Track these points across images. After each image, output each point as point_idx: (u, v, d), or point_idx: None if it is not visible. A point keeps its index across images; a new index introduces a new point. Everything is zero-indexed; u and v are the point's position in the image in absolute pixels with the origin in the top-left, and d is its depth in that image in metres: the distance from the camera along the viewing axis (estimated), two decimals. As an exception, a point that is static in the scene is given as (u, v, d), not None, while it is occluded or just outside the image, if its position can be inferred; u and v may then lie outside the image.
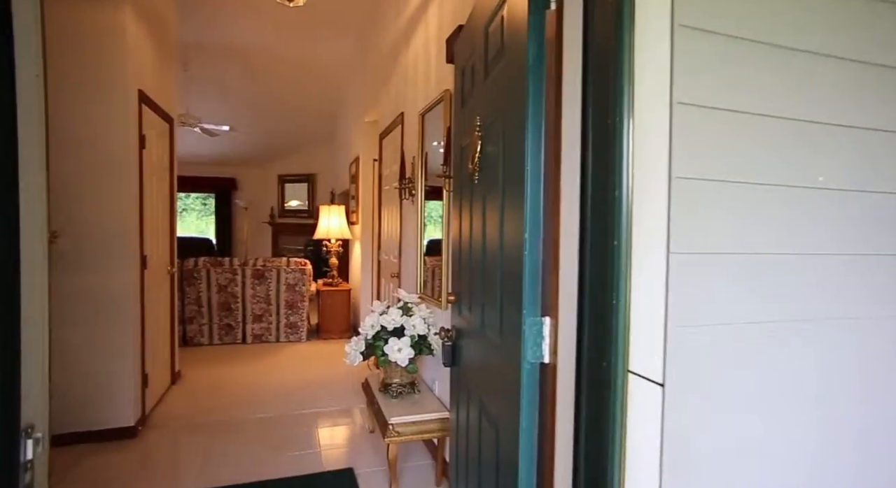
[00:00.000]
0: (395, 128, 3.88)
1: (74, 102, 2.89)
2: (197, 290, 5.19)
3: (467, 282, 1.74)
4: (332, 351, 5.22)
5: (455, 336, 1.93)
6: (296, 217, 9.71)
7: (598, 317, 0.90)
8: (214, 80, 6.85)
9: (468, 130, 1.70)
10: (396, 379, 2.74)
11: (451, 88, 2.53)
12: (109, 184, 2.96)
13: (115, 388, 3.02)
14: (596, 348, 0.90)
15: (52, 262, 2.81)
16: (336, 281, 5.88)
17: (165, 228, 3.78)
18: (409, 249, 3.42)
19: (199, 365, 4.56)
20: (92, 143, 2.92)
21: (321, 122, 8.37)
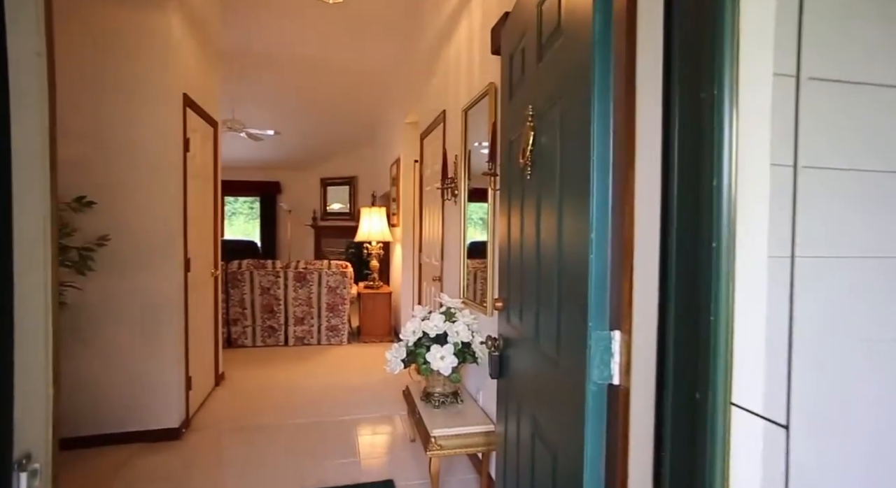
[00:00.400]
0: (436, 126, 3.77)
1: (120, 106, 2.92)
2: (241, 292, 5.25)
3: (517, 287, 1.59)
4: (373, 354, 5.16)
5: (503, 345, 1.79)
6: (337, 219, 9.79)
7: (687, 335, 0.73)
8: (260, 86, 6.97)
9: (518, 122, 1.56)
10: (438, 388, 2.61)
11: (496, 81, 2.39)
12: (154, 188, 2.98)
13: (160, 390, 3.03)
14: (685, 373, 0.74)
15: (101, 265, 2.85)
16: (377, 284, 5.82)
17: (209, 231, 3.81)
18: (451, 252, 3.29)
19: (242, 367, 4.59)
20: (138, 147, 2.95)
21: (362, 125, 8.39)
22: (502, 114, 1.82)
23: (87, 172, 2.89)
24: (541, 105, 1.32)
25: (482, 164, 2.82)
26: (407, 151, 5.49)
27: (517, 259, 1.59)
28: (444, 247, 3.50)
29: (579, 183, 1.04)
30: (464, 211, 2.91)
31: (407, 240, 5.52)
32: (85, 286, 2.86)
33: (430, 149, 4.09)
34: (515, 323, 1.62)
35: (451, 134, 3.33)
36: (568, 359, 1.11)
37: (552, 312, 1.21)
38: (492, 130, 2.30)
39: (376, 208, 5.84)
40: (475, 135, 2.84)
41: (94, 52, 2.89)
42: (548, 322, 1.25)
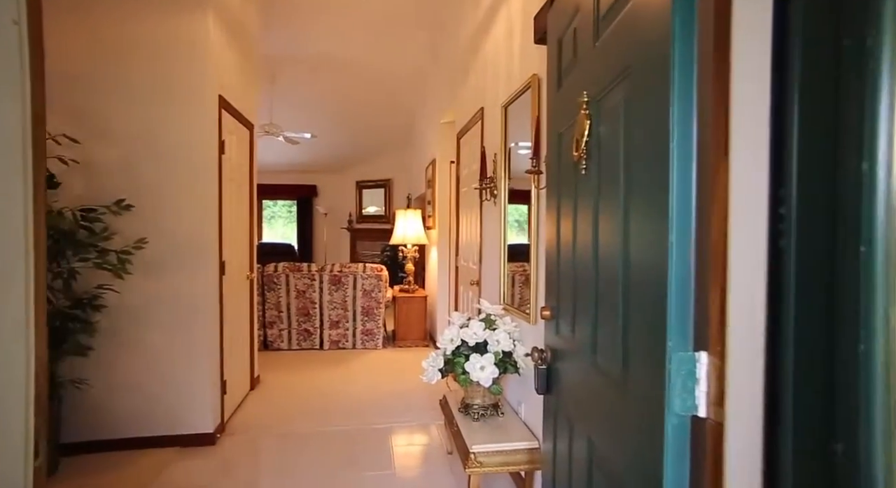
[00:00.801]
0: (473, 125, 3.63)
1: (156, 108, 2.91)
2: (277, 295, 5.24)
3: (568, 295, 1.44)
4: (408, 359, 5.05)
5: (550, 358, 1.63)
6: (373, 222, 9.77)
7: (817, 367, 0.57)
8: (297, 91, 7.01)
9: (568, 112, 1.40)
10: (478, 399, 2.47)
11: (539, 73, 2.23)
12: (189, 190, 2.95)
13: (196, 394, 3.00)
14: (812, 416, 0.57)
15: (138, 268, 2.84)
16: (412, 287, 5.72)
17: (245, 234, 3.78)
18: (490, 255, 3.14)
19: (277, 370, 4.56)
20: (173, 149, 2.93)
21: (397, 127, 8.35)
22: (549, 105, 1.67)
23: (125, 175, 2.89)
24: (598, 90, 1.17)
25: (522, 164, 2.66)
26: (443, 152, 5.38)
27: (568, 263, 1.43)
28: (483, 251, 3.35)
29: (652, 176, 0.88)
30: (504, 212, 2.76)
31: (443, 243, 5.40)
32: (122, 288, 2.85)
33: (466, 148, 3.96)
34: (566, 334, 1.46)
35: (489, 131, 3.19)
36: (637, 381, 0.94)
37: (615, 326, 1.05)
38: (535, 125, 2.15)
39: (412, 210, 5.74)
40: (515, 132, 2.68)
41: (130, 57, 2.89)
42: (609, 337, 1.09)
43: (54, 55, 2.91)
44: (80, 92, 2.85)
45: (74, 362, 2.82)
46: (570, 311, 1.43)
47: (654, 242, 0.87)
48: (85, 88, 2.86)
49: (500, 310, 2.51)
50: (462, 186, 4.09)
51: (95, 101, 2.87)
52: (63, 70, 2.83)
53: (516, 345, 2.40)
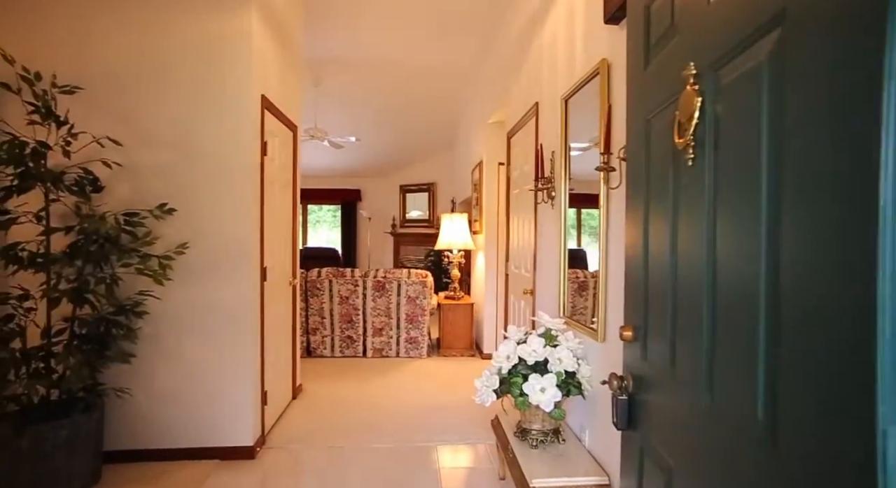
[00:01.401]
0: (526, 122, 3.39)
1: (198, 109, 2.82)
2: (320, 301, 5.14)
3: (661, 315, 1.17)
4: (454, 370, 4.83)
5: (633, 387, 1.36)
6: (416, 226, 9.65)
7: None
8: (341, 94, 6.96)
9: (663, 92, 1.15)
10: (537, 424, 2.21)
11: (609, 57, 1.97)
12: (230, 193, 2.85)
13: (235, 405, 2.88)
14: None
15: (177, 274, 2.75)
16: (458, 294, 5.51)
17: (287, 239, 3.68)
18: (547, 262, 2.89)
19: (320, 379, 4.44)
20: (213, 151, 2.84)
21: (441, 129, 8.19)
22: (631, 89, 1.41)
23: (167, 178, 2.82)
24: (717, 56, 0.91)
25: (579, 164, 2.40)
26: (490, 153, 5.15)
27: (662, 277, 1.17)
28: (538, 257, 3.09)
29: (829, 166, 0.62)
30: (564, 215, 2.50)
31: (490, 249, 5.17)
32: (162, 294, 2.77)
33: (518, 148, 3.72)
34: (657, 362, 1.20)
35: (545, 128, 2.94)
36: (804, 450, 0.68)
37: (750, 366, 0.79)
38: (606, 116, 1.89)
39: (458, 214, 5.54)
40: (578, 127, 2.42)
41: (174, 58, 2.82)
42: (738, 378, 0.83)
43: (104, 59, 2.89)
44: (128, 95, 2.81)
45: (116, 369, 2.76)
46: (664, 335, 1.17)
47: (836, 261, 0.61)
48: (132, 91, 2.81)
49: (562, 325, 2.25)
50: (513, 188, 3.84)
51: (140, 104, 2.81)
52: (112, 72, 2.79)
53: (580, 364, 2.14)
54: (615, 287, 1.94)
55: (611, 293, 1.98)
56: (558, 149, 2.60)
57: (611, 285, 1.97)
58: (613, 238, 1.95)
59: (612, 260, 1.96)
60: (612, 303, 1.96)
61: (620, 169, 1.78)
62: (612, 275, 1.96)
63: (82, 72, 2.75)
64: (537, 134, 3.10)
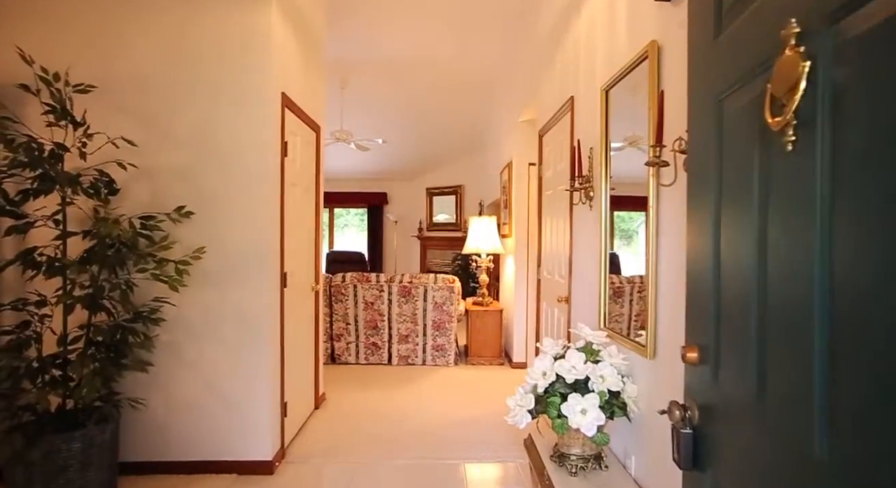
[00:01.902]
0: (560, 118, 3.18)
1: (216, 107, 2.72)
2: (344, 307, 5.02)
3: (741, 334, 0.96)
4: (482, 379, 4.63)
5: (700, 419, 1.15)
6: (443, 230, 9.49)
7: None
8: (367, 96, 6.87)
9: (743, 62, 0.94)
10: (576, 448, 1.99)
11: (659, 38, 1.76)
12: (248, 196, 2.73)
13: (254, 417, 2.75)
14: None
15: (194, 280, 2.64)
16: (486, 300, 5.31)
17: (310, 243, 3.55)
18: (584, 268, 2.67)
19: (344, 387, 4.30)
20: (232, 151, 2.73)
21: (469, 131, 8.02)
22: (696, 65, 1.19)
23: (184, 179, 2.72)
24: (836, 4, 0.70)
25: (615, 163, 2.19)
26: (520, 153, 4.94)
27: (742, 289, 0.96)
28: (574, 262, 2.88)
29: None
30: (605, 216, 2.29)
31: (520, 253, 4.95)
32: (179, 301, 2.67)
33: (551, 146, 3.51)
34: (737, 392, 0.98)
35: (582, 123, 2.72)
36: None
37: None
38: (658, 104, 1.67)
39: (486, 217, 5.34)
40: (618, 122, 2.21)
41: (192, 55, 2.72)
42: (872, 433, 0.62)
43: (124, 59, 2.83)
44: (148, 95, 2.72)
45: (133, 378, 2.66)
46: (745, 360, 0.95)
47: None
48: (151, 91, 2.72)
49: (604, 338, 2.03)
50: (546, 189, 3.63)
51: (160, 104, 2.72)
52: (132, 73, 2.71)
53: (625, 382, 1.92)
54: (668, 298, 1.71)
55: (662, 304, 1.75)
56: (597, 145, 2.39)
57: (662, 296, 1.75)
58: (665, 242, 1.73)
59: (664, 267, 1.74)
60: (665, 316, 1.74)
61: (675, 163, 1.56)
62: (664, 284, 1.74)
63: (102, 73, 2.68)
64: (573, 130, 2.89)
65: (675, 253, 1.66)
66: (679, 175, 1.56)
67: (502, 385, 4.47)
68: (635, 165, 2.18)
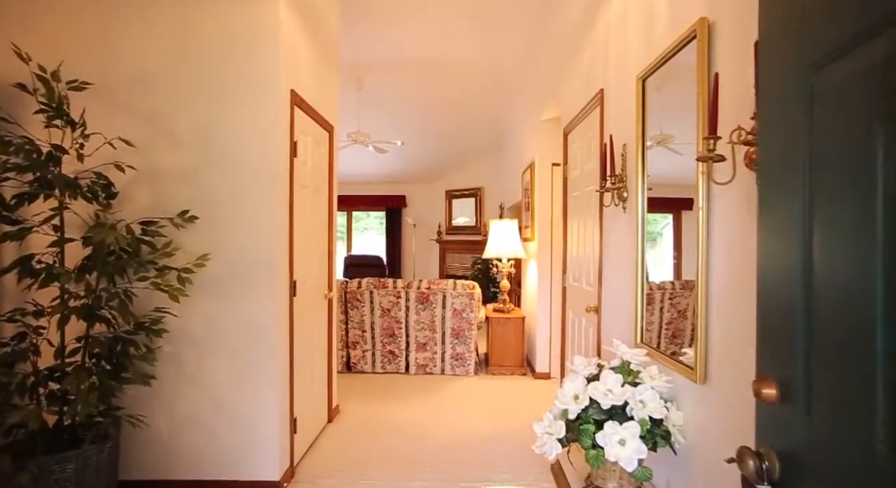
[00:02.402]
0: (588, 114, 2.95)
1: (220, 105, 2.57)
2: (360, 314, 4.85)
3: (851, 371, 0.74)
4: (504, 390, 4.40)
5: (783, 475, 0.92)
6: (463, 233, 9.29)
7: None
8: (385, 97, 6.73)
9: (866, 14, 0.72)
10: (612, 482, 1.76)
11: (710, 14, 1.53)
12: (255, 199, 2.57)
13: (261, 433, 2.58)
14: None
15: (197, 289, 2.49)
16: (507, 306, 5.08)
17: (322, 248, 3.38)
18: (616, 275, 2.43)
19: (359, 398, 4.12)
20: (237, 151, 2.57)
21: (489, 131, 7.81)
22: (776, 28, 0.97)
23: (187, 182, 2.57)
24: None
25: (651, 161, 1.96)
26: (543, 153, 4.72)
27: (849, 310, 0.74)
28: (604, 269, 2.64)
29: None
30: (640, 219, 2.06)
31: (543, 257, 4.72)
32: (182, 311, 2.52)
33: (577, 145, 3.28)
34: (838, 442, 0.76)
35: (614, 118, 2.50)
36: None
37: None
38: (711, 90, 1.44)
39: (507, 220, 5.12)
40: (664, 109, 1.98)
41: (196, 51, 2.58)
42: None
43: (127, 56, 2.70)
44: (151, 94, 2.59)
45: (136, 392, 2.53)
46: (857, 403, 0.72)
47: None
48: (154, 90, 2.59)
49: (643, 357, 1.80)
50: (572, 190, 3.40)
51: (163, 104, 2.58)
52: (134, 70, 2.58)
53: (669, 408, 1.68)
54: (721, 312, 1.48)
55: (714, 320, 1.52)
56: (632, 141, 2.16)
57: (713, 310, 1.51)
58: (718, 248, 1.50)
59: (716, 277, 1.51)
60: (717, 334, 1.50)
61: (734, 157, 1.33)
62: (716, 296, 1.51)
63: (103, 71, 2.56)
64: (602, 126, 2.66)
65: (730, 260, 1.42)
66: (739, 171, 1.33)
67: (525, 397, 4.23)
68: (663, 165, 1.97)
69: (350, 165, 8.62)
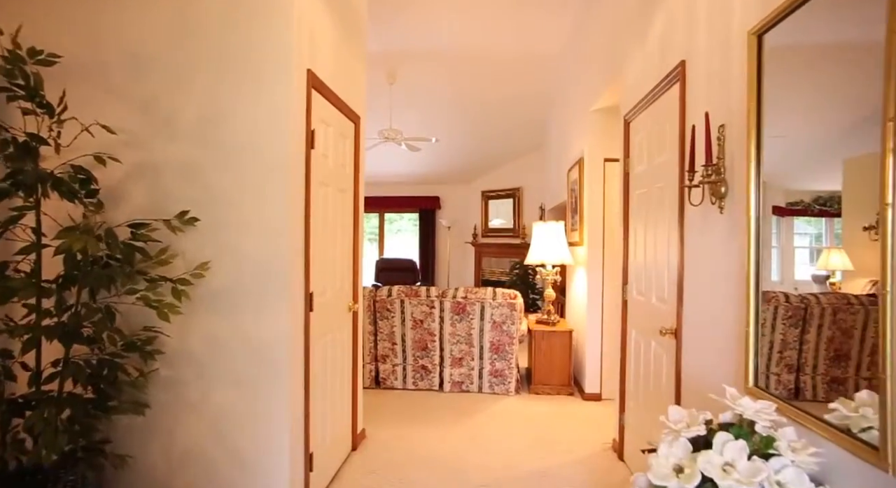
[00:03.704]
0: (660, 94, 2.44)
1: (226, 87, 2.19)
2: (390, 325, 4.43)
3: None
4: (550, 414, 3.90)
5: None
6: (500, 236, 8.80)
7: None
8: (418, 91, 6.33)
9: None
10: None
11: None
12: (264, 197, 2.17)
13: (270, 473, 2.18)
14: None
15: (195, 304, 2.11)
16: (552, 317, 4.57)
17: (346, 255, 2.97)
18: (705, 291, 1.91)
19: (388, 420, 3.70)
20: (246, 142, 2.18)
21: (529, 128, 7.29)
22: None
23: (187, 178, 2.20)
24: None
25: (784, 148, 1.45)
26: (594, 148, 4.19)
27: None
28: (686, 282, 2.12)
29: None
30: (753, 221, 1.54)
31: (594, 264, 4.19)
32: (178, 329, 2.15)
33: (643, 134, 2.76)
34: None
35: (703, 94, 1.98)
36: None
37: None
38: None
39: (553, 223, 4.61)
40: (784, 83, 1.47)
41: (199, 29, 2.21)
42: None
43: (119, 34, 2.35)
44: (147, 78, 2.23)
45: (127, 421, 2.17)
46: None
47: None
48: (151, 73, 2.23)
49: (772, 413, 1.29)
50: (635, 188, 2.88)
51: (161, 88, 2.22)
52: (130, 48, 2.24)
53: (817, 491, 1.17)
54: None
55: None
56: (735, 121, 1.65)
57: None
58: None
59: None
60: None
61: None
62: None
63: (93, 51, 2.22)
64: (683, 106, 2.15)
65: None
66: None
67: (575, 422, 3.72)
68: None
69: (382, 165, 8.26)
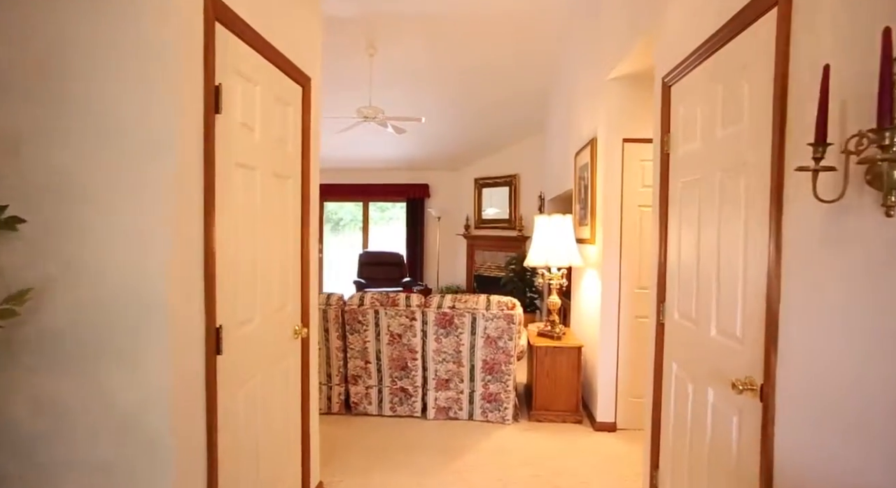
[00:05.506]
0: (722, 43, 1.67)
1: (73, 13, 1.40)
2: (363, 339, 3.69)
3: None
4: (555, 449, 3.19)
5: None
6: (494, 228, 8.07)
7: None
8: (402, 64, 5.53)
9: None
10: None
11: None
12: (136, 185, 1.40)
13: None
14: None
15: (24, 350, 1.34)
16: (558, 329, 3.84)
17: (290, 264, 2.21)
18: (838, 340, 1.17)
19: (356, 461, 2.98)
20: (106, 100, 1.40)
21: (527, 107, 6.52)
22: None
23: (10, 157, 1.42)
24: None
25: None
26: (611, 125, 3.44)
27: None
28: (786, 313, 1.37)
29: None
30: None
31: (610, 268, 3.46)
32: (-4, 396, 1.39)
33: (697, 96, 2.00)
34: None
35: (813, 36, 1.22)
36: None
37: None
38: None
39: (558, 216, 3.85)
40: None
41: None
42: None
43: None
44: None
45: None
46: None
47: None
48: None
49: None
50: (680, 174, 2.13)
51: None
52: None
53: None
54: None
55: None
56: None
57: None
58: None
59: None
60: None
61: None
62: None
63: None
64: (787, 41, 1.39)
65: None
66: None
67: (587, 462, 3.02)
68: None
69: (363, 149, 7.47)
